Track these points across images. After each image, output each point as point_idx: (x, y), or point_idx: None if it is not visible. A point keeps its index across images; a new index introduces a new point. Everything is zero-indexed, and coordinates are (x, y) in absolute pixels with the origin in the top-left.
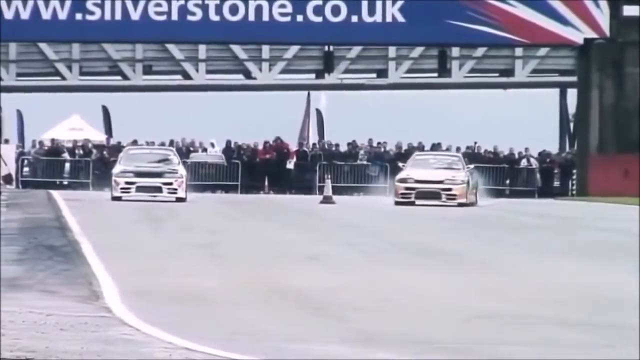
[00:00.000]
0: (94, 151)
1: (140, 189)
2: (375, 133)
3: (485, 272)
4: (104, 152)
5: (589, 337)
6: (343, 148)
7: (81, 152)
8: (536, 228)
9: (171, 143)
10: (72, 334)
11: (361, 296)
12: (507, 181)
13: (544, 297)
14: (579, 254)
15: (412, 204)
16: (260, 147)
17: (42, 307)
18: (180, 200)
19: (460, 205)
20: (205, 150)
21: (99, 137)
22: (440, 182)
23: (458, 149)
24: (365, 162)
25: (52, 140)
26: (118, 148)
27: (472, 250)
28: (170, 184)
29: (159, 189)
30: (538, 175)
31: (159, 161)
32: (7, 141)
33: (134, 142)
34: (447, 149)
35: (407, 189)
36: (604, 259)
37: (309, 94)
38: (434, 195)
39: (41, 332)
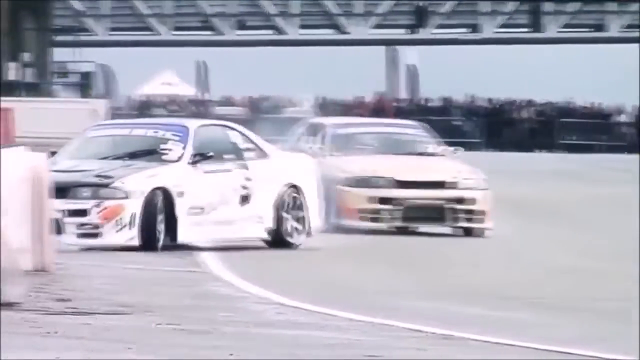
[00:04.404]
0: (188, 106)
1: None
2: (468, 88)
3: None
4: (197, 108)
5: None
6: (437, 103)
7: (175, 107)
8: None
9: (265, 99)
10: (167, 289)
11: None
12: (601, 136)
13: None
14: None
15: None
16: (352, 102)
17: (137, 262)
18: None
19: (468, 232)
20: (298, 105)
21: (192, 92)
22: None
23: (553, 105)
24: (459, 118)
25: (145, 96)
26: (209, 103)
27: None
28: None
29: (82, 214)
30: (633, 130)
31: (131, 155)
32: (100, 96)
33: (225, 98)
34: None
35: (380, 200)
36: None
37: (395, 49)
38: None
39: (137, 287)
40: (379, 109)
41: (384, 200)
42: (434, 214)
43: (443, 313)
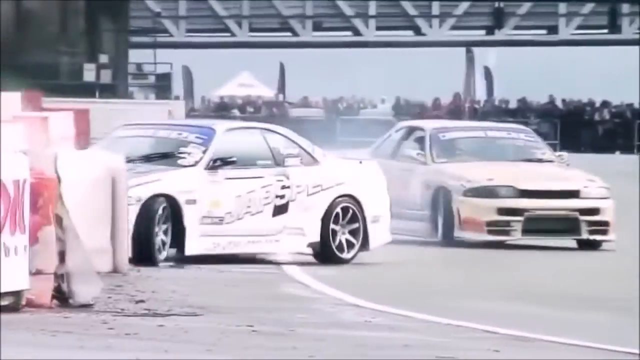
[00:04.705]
0: (264, 108)
1: None
2: (545, 89)
3: None
4: (274, 109)
5: None
6: (513, 104)
7: (252, 109)
8: None
9: (341, 100)
10: (241, 290)
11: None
12: None
13: None
14: None
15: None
16: (429, 104)
17: (210, 263)
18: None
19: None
20: (375, 106)
21: (269, 93)
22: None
23: (629, 106)
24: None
25: (222, 97)
26: (285, 104)
27: None
28: None
29: None
30: None
31: (146, 158)
32: (177, 97)
33: (304, 99)
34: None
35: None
36: None
37: (469, 50)
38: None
39: (211, 289)
40: (454, 110)
41: (504, 211)
42: (559, 225)
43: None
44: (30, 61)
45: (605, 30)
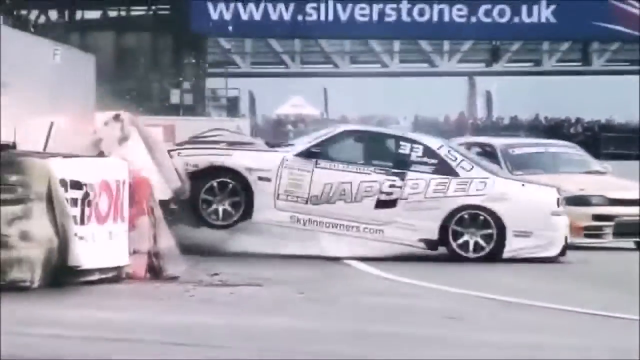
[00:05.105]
0: (311, 124)
1: None
2: (531, 109)
3: None
4: (319, 124)
5: None
6: (506, 121)
7: (302, 124)
8: None
9: (372, 117)
10: (293, 267)
11: None
12: (633, 146)
13: None
14: None
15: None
16: (441, 120)
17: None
18: None
19: None
20: (398, 122)
21: (315, 112)
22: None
23: (597, 122)
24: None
25: (278, 115)
26: (328, 121)
27: None
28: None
29: None
30: None
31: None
32: (243, 116)
33: (343, 117)
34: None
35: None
36: None
37: (471, 79)
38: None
39: (269, 266)
40: (460, 126)
41: (598, 217)
42: (637, 228)
43: None
44: (128, 87)
45: (579, 63)
